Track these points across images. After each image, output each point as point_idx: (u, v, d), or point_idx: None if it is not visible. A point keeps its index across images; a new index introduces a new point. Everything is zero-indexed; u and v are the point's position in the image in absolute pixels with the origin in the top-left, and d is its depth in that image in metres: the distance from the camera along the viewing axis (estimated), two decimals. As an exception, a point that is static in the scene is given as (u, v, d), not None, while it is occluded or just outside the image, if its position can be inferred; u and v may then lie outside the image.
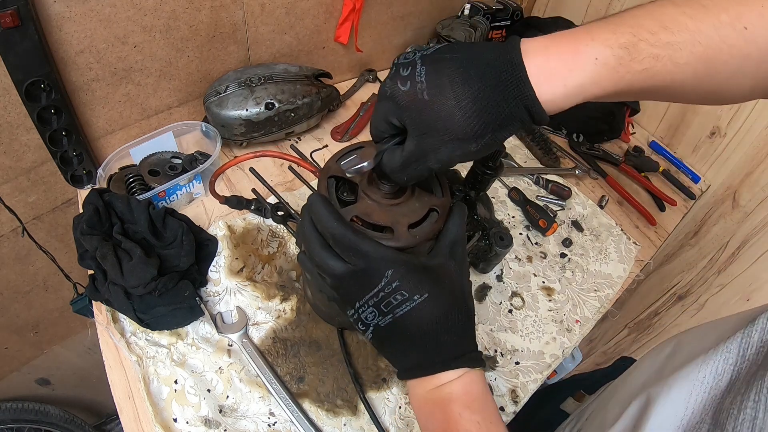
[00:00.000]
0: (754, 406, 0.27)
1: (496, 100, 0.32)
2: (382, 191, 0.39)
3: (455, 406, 0.35)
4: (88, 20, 0.60)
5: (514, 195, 0.86)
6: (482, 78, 0.32)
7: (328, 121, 0.94)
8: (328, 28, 0.92)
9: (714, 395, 0.31)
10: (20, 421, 1.08)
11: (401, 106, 0.34)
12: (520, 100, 0.32)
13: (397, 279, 0.35)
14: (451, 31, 1.09)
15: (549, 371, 0.65)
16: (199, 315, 0.60)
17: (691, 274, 1.13)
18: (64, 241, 0.84)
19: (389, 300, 0.35)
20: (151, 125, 0.78)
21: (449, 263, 0.38)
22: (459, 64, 0.33)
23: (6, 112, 0.61)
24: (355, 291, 0.36)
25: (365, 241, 0.35)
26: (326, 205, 0.36)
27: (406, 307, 0.35)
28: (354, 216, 0.38)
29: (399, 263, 0.35)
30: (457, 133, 0.33)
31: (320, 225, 0.36)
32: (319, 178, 0.41)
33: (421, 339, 0.36)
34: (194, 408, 0.53)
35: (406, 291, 0.35)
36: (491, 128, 0.33)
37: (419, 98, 0.33)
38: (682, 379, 0.34)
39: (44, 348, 1.06)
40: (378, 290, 0.35)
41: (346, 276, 0.36)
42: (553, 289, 0.74)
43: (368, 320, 0.37)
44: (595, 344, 1.53)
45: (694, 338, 0.39)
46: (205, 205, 0.74)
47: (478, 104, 0.32)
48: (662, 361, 0.40)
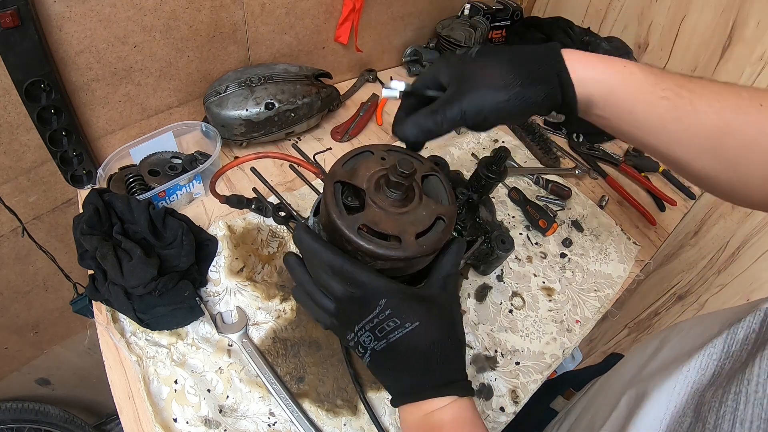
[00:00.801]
0: (735, 398, 0.27)
1: (531, 64, 0.38)
2: (389, 198, 0.39)
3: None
4: (88, 20, 0.60)
5: (514, 195, 0.86)
6: (523, 52, 0.39)
7: (328, 121, 0.94)
8: (328, 28, 0.92)
9: (696, 389, 0.31)
10: (20, 421, 1.09)
11: (450, 63, 0.40)
12: (553, 66, 0.37)
13: (389, 307, 0.36)
14: (451, 31, 1.09)
15: (549, 371, 0.65)
16: (199, 315, 0.60)
17: (691, 274, 1.14)
18: (64, 241, 0.84)
19: (383, 326, 0.37)
20: (151, 125, 0.78)
21: (441, 295, 0.40)
22: (507, 49, 0.40)
23: (6, 112, 0.61)
24: (354, 314, 0.38)
25: (362, 271, 0.37)
26: (316, 238, 0.38)
27: (399, 333, 0.36)
28: (361, 224, 0.37)
29: (392, 293, 0.37)
30: (490, 82, 0.37)
31: (316, 259, 0.38)
32: (325, 183, 0.41)
33: (414, 363, 0.37)
34: (194, 408, 0.53)
35: (398, 318, 0.36)
36: (520, 82, 0.37)
37: (467, 58, 0.40)
38: (667, 375, 0.34)
39: (44, 348, 1.06)
40: (373, 316, 0.37)
41: (346, 299, 0.38)
42: (554, 289, 0.74)
43: (366, 344, 0.38)
44: (595, 344, 1.53)
45: (679, 334, 0.39)
46: (205, 205, 0.74)
47: (515, 63, 0.38)
48: (648, 357, 0.40)
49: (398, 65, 1.16)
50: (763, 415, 0.25)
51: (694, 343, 0.35)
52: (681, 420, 0.30)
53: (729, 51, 0.92)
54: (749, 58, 0.89)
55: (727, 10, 0.90)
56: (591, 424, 0.43)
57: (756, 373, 0.27)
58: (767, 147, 0.36)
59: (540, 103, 0.38)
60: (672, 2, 0.99)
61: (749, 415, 0.26)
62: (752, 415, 0.26)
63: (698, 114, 0.37)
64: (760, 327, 0.31)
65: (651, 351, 0.41)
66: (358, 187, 0.40)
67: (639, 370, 0.39)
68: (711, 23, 0.93)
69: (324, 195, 0.40)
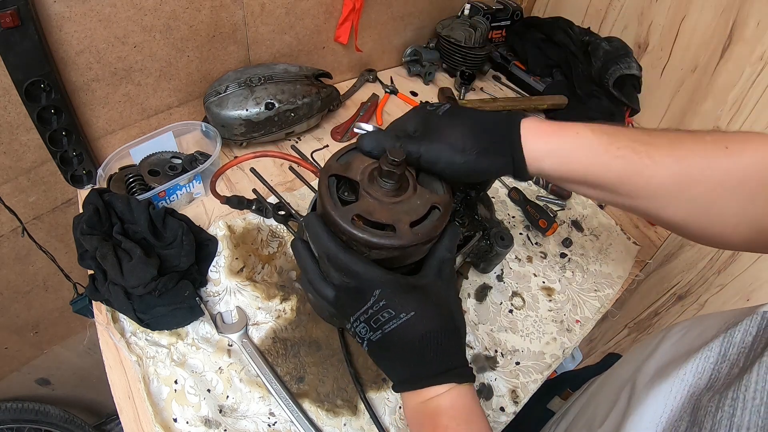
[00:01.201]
0: (733, 404, 0.27)
1: (490, 136, 0.41)
2: (383, 189, 0.39)
3: (443, 418, 0.37)
4: (88, 20, 0.60)
5: (514, 195, 0.86)
6: (485, 121, 0.42)
7: (328, 121, 0.94)
8: (328, 28, 0.92)
9: (693, 393, 0.31)
10: (20, 421, 1.08)
11: (420, 114, 0.44)
12: (508, 141, 0.40)
13: (384, 298, 0.37)
14: (451, 31, 1.09)
15: (549, 371, 0.65)
16: (199, 315, 0.60)
17: (691, 274, 1.13)
18: (64, 241, 0.84)
19: (377, 317, 0.37)
20: (151, 125, 0.78)
21: (437, 282, 0.40)
22: (471, 114, 0.43)
23: (6, 112, 0.61)
24: (349, 306, 0.39)
25: (357, 261, 0.37)
26: (321, 225, 0.38)
27: (393, 324, 0.37)
28: (355, 215, 0.38)
29: (387, 283, 0.37)
30: (451, 141, 0.40)
31: (316, 244, 0.39)
32: (320, 177, 0.41)
33: (409, 354, 0.38)
34: (194, 408, 0.53)
35: (393, 309, 0.37)
36: (476, 151, 0.40)
37: (435, 115, 0.43)
38: (663, 378, 0.34)
39: (44, 348, 1.06)
40: (367, 307, 0.37)
41: (341, 293, 0.39)
42: (554, 289, 0.74)
43: (362, 334, 0.39)
44: (595, 344, 1.53)
45: (676, 336, 0.39)
46: (205, 205, 0.74)
47: (476, 131, 0.41)
48: (645, 359, 0.40)
49: (398, 65, 1.16)
50: (760, 423, 0.25)
51: (691, 346, 0.35)
52: (677, 424, 0.30)
53: (729, 51, 0.92)
54: (749, 58, 0.89)
55: (727, 10, 0.90)
56: (588, 425, 0.43)
57: (754, 380, 0.27)
58: (736, 189, 0.37)
59: (492, 172, 0.42)
60: (672, 2, 0.99)
61: (746, 422, 0.26)
62: (749, 422, 0.26)
63: (658, 165, 0.38)
64: (758, 331, 0.31)
65: (648, 352, 0.41)
66: (353, 179, 0.40)
67: (636, 371, 0.39)
68: (711, 23, 0.93)
69: (319, 188, 0.40)
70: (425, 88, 1.11)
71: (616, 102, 1.03)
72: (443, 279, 0.40)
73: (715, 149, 0.37)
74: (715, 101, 0.97)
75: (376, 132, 0.43)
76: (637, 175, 0.39)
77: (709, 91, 0.98)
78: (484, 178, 0.44)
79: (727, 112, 0.96)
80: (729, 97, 0.94)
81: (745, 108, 0.93)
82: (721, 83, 0.95)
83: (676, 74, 1.03)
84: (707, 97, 0.99)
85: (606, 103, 1.03)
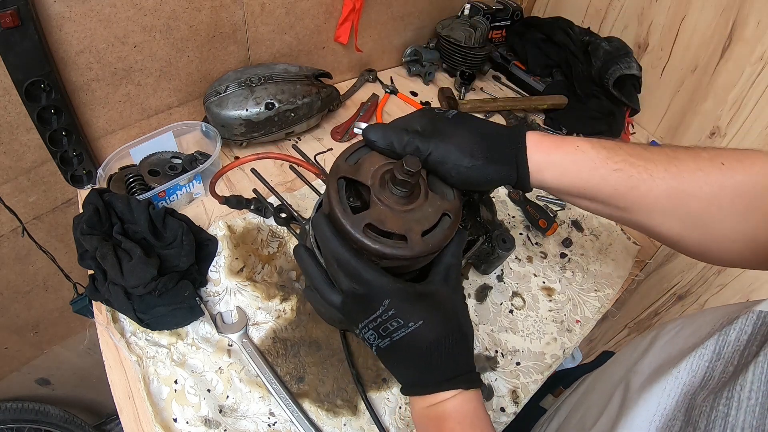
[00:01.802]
0: (727, 404, 0.27)
1: (498, 144, 0.41)
2: (395, 195, 0.38)
3: (449, 422, 0.37)
4: (88, 20, 0.60)
5: (514, 195, 0.86)
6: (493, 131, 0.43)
7: (328, 121, 0.94)
8: (328, 28, 0.92)
9: (687, 392, 0.31)
10: (20, 421, 1.09)
11: (428, 115, 0.43)
12: (514, 151, 0.41)
13: (393, 308, 0.37)
14: (451, 31, 1.09)
15: (550, 371, 0.65)
16: (199, 315, 0.60)
17: (691, 274, 1.13)
18: (64, 241, 0.84)
19: (386, 326, 0.37)
20: (151, 125, 0.78)
21: (444, 289, 0.40)
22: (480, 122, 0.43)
23: (6, 112, 0.61)
24: (358, 313, 0.39)
25: (368, 269, 0.37)
26: (331, 228, 0.38)
27: (402, 332, 0.37)
28: (367, 224, 0.37)
29: (396, 293, 0.37)
30: (460, 144, 0.40)
31: (325, 248, 0.38)
32: (329, 178, 0.40)
33: (416, 361, 0.38)
34: (194, 408, 0.53)
35: (401, 318, 0.37)
36: (485, 157, 0.40)
37: (445, 116, 0.43)
38: (657, 376, 0.33)
39: (44, 348, 1.06)
40: (376, 316, 0.37)
41: (348, 299, 0.39)
42: (554, 289, 0.74)
43: (371, 341, 0.39)
44: (595, 344, 1.53)
45: (670, 333, 0.39)
46: (205, 205, 0.74)
47: (485, 138, 0.41)
48: (639, 356, 0.40)
49: (398, 65, 1.16)
50: (755, 423, 0.25)
51: (685, 344, 0.35)
52: (671, 423, 0.30)
53: (729, 51, 0.92)
54: (749, 58, 0.89)
55: (727, 9, 0.90)
56: (581, 424, 0.43)
57: (750, 380, 0.27)
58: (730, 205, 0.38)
59: (496, 180, 0.42)
60: (672, 2, 0.99)
61: (740, 422, 0.26)
62: (743, 422, 0.26)
63: (655, 180, 0.39)
64: (753, 329, 0.31)
65: (642, 350, 0.40)
66: (363, 183, 0.39)
67: (629, 370, 0.39)
68: (711, 23, 0.93)
69: (327, 191, 0.39)
70: (425, 88, 1.11)
71: (616, 102, 1.04)
72: (450, 285, 0.41)
73: (711, 165, 0.38)
74: (715, 101, 0.97)
75: (382, 125, 0.43)
76: (634, 189, 0.39)
77: (709, 91, 0.98)
78: (486, 187, 0.43)
79: (727, 112, 0.96)
80: (729, 97, 0.94)
81: (745, 108, 0.93)
82: (721, 83, 0.95)
83: (676, 74, 1.03)
84: (707, 97, 0.99)
85: (606, 103, 1.03)
